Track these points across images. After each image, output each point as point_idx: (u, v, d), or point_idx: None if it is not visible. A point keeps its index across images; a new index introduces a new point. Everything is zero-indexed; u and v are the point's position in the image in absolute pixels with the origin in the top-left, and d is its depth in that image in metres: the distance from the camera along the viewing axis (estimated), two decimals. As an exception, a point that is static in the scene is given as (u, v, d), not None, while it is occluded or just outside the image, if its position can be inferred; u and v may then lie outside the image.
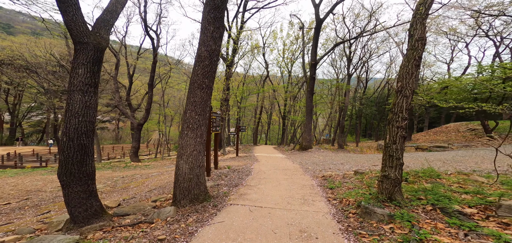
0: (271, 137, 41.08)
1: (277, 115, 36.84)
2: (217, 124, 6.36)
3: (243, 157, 10.51)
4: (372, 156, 9.34)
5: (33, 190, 4.80)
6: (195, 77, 3.12)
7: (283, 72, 25.64)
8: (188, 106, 3.03)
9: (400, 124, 2.60)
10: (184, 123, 3.01)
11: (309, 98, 12.17)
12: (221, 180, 5.16)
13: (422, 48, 2.69)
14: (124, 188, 4.75)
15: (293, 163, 8.31)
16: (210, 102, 3.26)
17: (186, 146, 2.91)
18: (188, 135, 2.94)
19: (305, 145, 11.91)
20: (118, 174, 6.83)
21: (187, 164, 2.87)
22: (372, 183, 3.77)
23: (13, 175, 7.38)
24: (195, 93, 3.04)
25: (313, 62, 12.39)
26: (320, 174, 5.87)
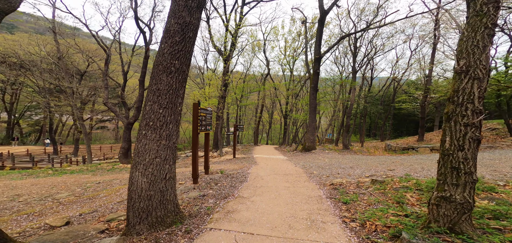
0: (273, 137, 40.18)
1: (278, 115, 35.90)
2: (208, 122, 5.50)
3: (241, 158, 9.65)
4: (383, 158, 8.40)
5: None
6: (160, 58, 2.27)
7: (285, 70, 24.75)
8: (149, 97, 2.18)
9: (469, 120, 1.67)
10: (143, 120, 2.16)
11: (313, 95, 11.23)
12: (209, 188, 4.30)
13: (495, 12, 1.76)
14: (91, 198, 3.91)
15: (295, 166, 7.42)
16: (183, 92, 2.39)
17: (144, 151, 2.07)
18: (147, 136, 2.09)
19: (308, 146, 11.00)
20: (96, 179, 6.02)
21: (145, 177, 2.01)
22: (402, 198, 2.86)
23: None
24: (160, 79, 2.18)
25: (317, 56, 11.46)
26: (328, 180, 4.97)
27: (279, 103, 27.23)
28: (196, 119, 4.68)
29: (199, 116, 4.75)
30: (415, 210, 2.43)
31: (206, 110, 5.46)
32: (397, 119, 26.90)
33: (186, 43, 2.37)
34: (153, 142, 2.09)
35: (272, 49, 37.01)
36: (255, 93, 28.47)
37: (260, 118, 25.55)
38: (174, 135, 2.23)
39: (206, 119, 5.39)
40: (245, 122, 29.60)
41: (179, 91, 2.30)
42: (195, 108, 4.70)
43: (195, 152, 4.63)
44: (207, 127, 5.47)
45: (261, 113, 25.64)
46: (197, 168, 4.66)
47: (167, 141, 2.16)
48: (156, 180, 2.05)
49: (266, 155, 10.89)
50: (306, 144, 11.19)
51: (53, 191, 4.51)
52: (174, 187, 2.28)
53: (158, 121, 2.13)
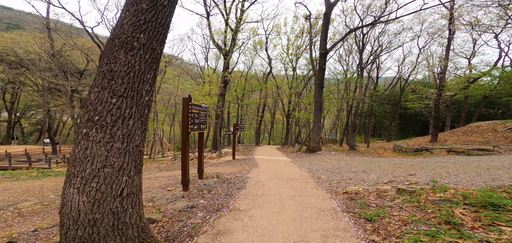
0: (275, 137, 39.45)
1: (280, 114, 35.18)
2: (201, 121, 4.84)
3: (241, 160, 8.98)
4: (397, 161, 7.64)
5: None
6: (117, 30, 1.61)
7: (287, 69, 24.07)
8: (96, 81, 1.52)
9: None
10: (84, 114, 1.50)
11: (318, 93, 10.51)
12: (201, 197, 3.63)
13: None
14: (61, 209, 3.28)
15: (300, 169, 6.72)
16: (152, 77, 1.72)
17: (83, 158, 1.43)
18: (90, 137, 1.43)
19: (313, 147, 10.28)
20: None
21: (84, 195, 1.36)
22: (451, 216, 2.14)
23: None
24: (114, 58, 1.53)
25: (323, 51, 10.74)
26: (340, 187, 4.27)
27: (282, 102, 26.51)
28: (186, 116, 4.02)
29: (190, 114, 4.09)
30: (482, 236, 1.73)
31: (200, 107, 4.81)
32: (404, 119, 25.98)
33: (158, 12, 1.72)
34: (99, 144, 1.44)
35: (274, 48, 36.39)
36: (257, 92, 27.80)
37: (261, 118, 24.86)
38: (138, 135, 1.56)
39: (199, 117, 4.73)
40: (247, 122, 28.91)
41: (146, 75, 1.64)
42: (185, 104, 4.04)
43: (185, 155, 3.98)
44: (200, 125, 4.82)
45: (263, 113, 24.96)
46: (188, 173, 4.00)
47: (125, 143, 1.51)
48: (105, 198, 1.39)
49: (268, 156, 10.21)
50: (310, 145, 10.47)
51: (22, 198, 3.90)
52: (137, 206, 1.62)
53: (109, 115, 1.48)
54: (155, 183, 4.80)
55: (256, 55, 22.70)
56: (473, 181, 4.12)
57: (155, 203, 3.35)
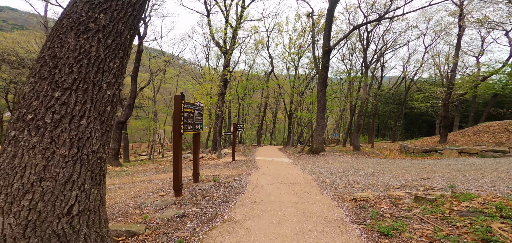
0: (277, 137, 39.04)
1: (282, 114, 34.76)
2: (197, 121, 4.51)
3: (241, 161, 8.63)
4: (406, 163, 7.20)
5: None
6: (68, 9, 1.28)
7: (289, 68, 23.69)
8: (35, 69, 1.18)
9: None
10: (15, 112, 1.16)
11: (322, 91, 10.10)
12: (193, 204, 3.29)
13: None
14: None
15: (302, 171, 6.35)
16: (118, 66, 1.38)
17: (10, 170, 1.10)
18: (19, 142, 1.07)
19: (316, 147, 9.87)
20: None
21: (11, 215, 0.98)
22: (489, 232, 1.76)
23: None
24: (61, 42, 1.20)
25: (326, 48, 10.33)
26: (347, 193, 3.89)
27: (284, 102, 26.13)
28: (178, 116, 3.69)
29: (182, 113, 3.76)
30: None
31: (195, 105, 4.48)
32: (409, 119, 25.38)
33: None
34: (32, 151, 1.10)
35: (276, 46, 36.02)
36: (258, 92, 27.45)
37: (263, 118, 24.49)
38: (96, 138, 1.21)
39: (194, 116, 4.40)
40: (248, 122, 28.56)
41: (108, 64, 1.29)
42: (177, 102, 3.71)
43: (176, 158, 3.64)
44: (196, 125, 4.49)
45: (265, 113, 24.59)
46: (180, 177, 3.67)
47: (74, 149, 1.18)
48: (44, 218, 1.05)
49: (269, 158, 9.84)
50: (313, 145, 10.07)
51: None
52: (97, 224, 1.28)
53: (50, 113, 1.14)
54: (148, 186, 4.49)
55: (257, 55, 22.39)
56: (495, 186, 3.71)
57: (143, 211, 3.02)
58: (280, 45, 38.84)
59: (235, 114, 21.14)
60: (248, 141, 31.49)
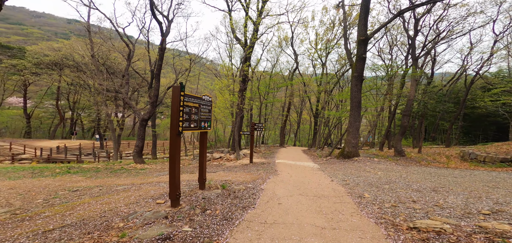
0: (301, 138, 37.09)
1: (308, 114, 32.72)
2: (203, 117, 3.91)
3: (259, 164, 7.85)
4: (483, 175, 5.32)
5: None
6: None
7: (316, 65, 21.93)
8: None
9: None
10: None
11: (356, 87, 8.57)
12: (188, 220, 2.64)
13: None
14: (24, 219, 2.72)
15: (331, 180, 5.22)
16: None
17: None
18: None
19: (349, 151, 8.41)
20: (83, 183, 5.16)
21: None
22: None
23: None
24: None
25: (363, 38, 8.74)
26: (401, 216, 2.74)
27: (309, 101, 24.38)
28: (176, 111, 3.09)
29: (182, 107, 3.15)
30: None
31: (200, 99, 3.87)
32: (469, 121, 20.78)
33: None
34: None
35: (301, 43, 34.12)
36: (282, 90, 26.28)
37: (286, 117, 23.23)
38: None
39: (199, 112, 3.79)
40: (271, 121, 27.59)
41: None
42: (176, 94, 3.12)
43: (173, 161, 3.05)
44: (201, 123, 3.87)
45: (288, 112, 23.31)
46: (178, 184, 3.08)
47: None
48: None
49: (291, 161, 8.81)
50: (345, 149, 8.62)
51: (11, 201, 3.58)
52: None
53: None
54: (152, 190, 4.09)
55: (281, 52, 21.30)
56: None
57: (127, 225, 2.49)
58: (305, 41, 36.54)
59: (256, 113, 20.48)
60: (270, 141, 30.53)
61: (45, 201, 3.63)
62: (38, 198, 3.76)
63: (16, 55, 28.56)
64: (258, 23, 11.70)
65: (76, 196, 3.96)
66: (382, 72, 18.72)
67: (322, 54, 19.77)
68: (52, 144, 25.30)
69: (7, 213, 2.96)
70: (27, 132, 31.61)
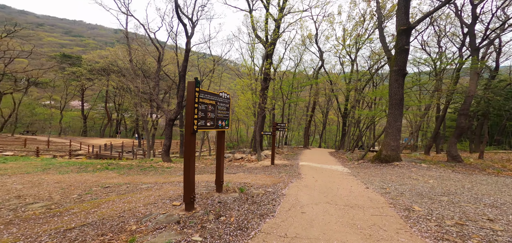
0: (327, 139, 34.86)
1: (335, 114, 30.53)
2: (220, 115, 3.71)
3: (281, 166, 7.40)
4: None
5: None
6: None
7: (344, 63, 20.24)
8: None
9: None
10: None
11: (397, 82, 7.38)
12: (199, 229, 2.43)
13: None
14: (56, 214, 2.90)
15: (366, 187, 4.48)
16: None
17: None
18: None
19: (388, 155, 7.27)
20: (115, 180, 5.54)
21: None
22: None
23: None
24: None
25: (404, 27, 7.49)
26: (474, 240, 2.02)
27: (336, 100, 22.65)
28: (191, 108, 2.93)
29: (196, 104, 2.98)
30: None
31: (217, 96, 3.67)
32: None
33: None
34: None
35: (326, 40, 32.07)
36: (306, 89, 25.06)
37: (311, 118, 21.97)
38: None
39: (216, 110, 3.60)
40: (295, 122, 26.55)
41: None
42: (190, 89, 2.96)
43: (188, 162, 2.89)
44: (218, 122, 3.67)
45: (313, 112, 22.03)
46: (192, 187, 2.91)
47: None
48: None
49: (316, 163, 8.09)
50: (383, 152, 7.50)
51: (53, 195, 3.95)
52: None
53: None
54: (171, 190, 4.08)
55: (305, 51, 20.27)
56: None
57: (138, 228, 2.40)
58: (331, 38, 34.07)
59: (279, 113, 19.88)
60: (294, 142, 29.42)
61: (78, 196, 3.91)
62: (74, 193, 4.09)
63: (75, 63, 33.79)
64: (279, 19, 11.24)
65: (105, 192, 4.19)
66: (427, 66, 16.13)
67: (351, 51, 18.11)
68: (101, 141, 29.24)
69: (43, 207, 3.22)
70: (84, 131, 37.23)
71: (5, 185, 4.64)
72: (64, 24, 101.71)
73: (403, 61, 7.54)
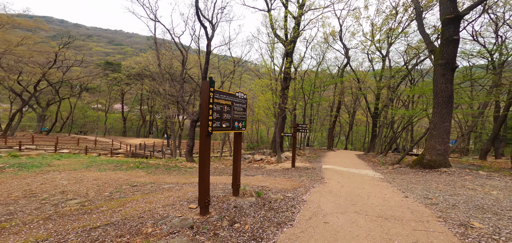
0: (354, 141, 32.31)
1: (363, 114, 28.08)
2: (236, 116, 3.59)
3: (302, 169, 6.96)
4: None
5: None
6: None
7: (373, 60, 18.46)
8: None
9: None
10: None
11: (444, 77, 6.30)
12: (212, 236, 2.32)
13: None
14: (88, 211, 3.13)
15: (405, 195, 3.86)
16: None
17: None
18: None
19: (432, 160, 6.22)
20: (142, 179, 5.89)
21: None
22: None
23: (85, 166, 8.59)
24: None
25: (451, 16, 6.36)
26: None
27: (365, 99, 20.81)
28: (206, 109, 2.87)
29: (211, 105, 2.90)
30: None
31: (233, 96, 3.56)
32: None
33: None
34: None
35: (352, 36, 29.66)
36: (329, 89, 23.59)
37: (336, 118, 20.56)
38: None
39: (232, 111, 3.49)
40: (318, 122, 25.24)
41: None
42: (205, 89, 2.90)
43: (203, 163, 2.83)
44: (234, 123, 3.56)
45: (338, 112, 20.61)
46: (207, 190, 2.83)
47: None
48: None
49: (342, 167, 7.40)
50: (426, 156, 6.47)
51: (89, 192, 4.34)
52: None
53: None
54: (190, 191, 4.12)
55: (328, 48, 19.10)
56: None
57: (154, 231, 2.41)
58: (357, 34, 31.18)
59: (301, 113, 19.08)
60: (316, 144, 27.98)
61: (109, 194, 4.23)
62: (106, 191, 4.44)
63: (116, 70, 38.11)
64: (299, 16, 10.73)
65: (132, 191, 4.45)
66: (481, 59, 13.61)
67: (381, 46, 16.36)
68: (137, 141, 32.40)
69: (78, 204, 3.53)
70: (124, 131, 41.80)
71: (55, 180, 5.33)
72: (108, 34, 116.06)
73: (451, 54, 6.41)
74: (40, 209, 3.29)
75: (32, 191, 4.30)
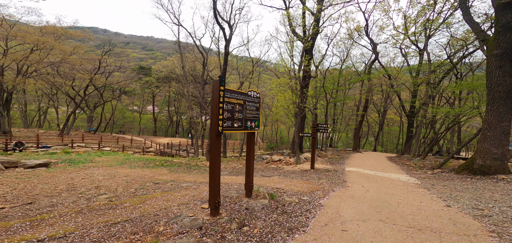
0: (385, 142, 29.40)
1: (396, 113, 25.32)
2: (248, 116, 3.51)
3: (322, 171, 6.51)
4: None
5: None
6: None
7: (408, 54, 16.47)
8: None
9: None
10: None
11: (501, 70, 5.23)
12: (216, 241, 2.27)
13: None
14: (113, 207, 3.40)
15: (446, 204, 3.28)
16: None
17: None
18: None
19: (486, 165, 5.19)
20: (165, 177, 6.25)
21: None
22: None
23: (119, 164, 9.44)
24: None
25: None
26: None
27: (398, 97, 18.74)
28: (216, 108, 2.85)
29: (221, 104, 2.87)
30: None
31: (245, 95, 3.48)
32: None
33: None
34: None
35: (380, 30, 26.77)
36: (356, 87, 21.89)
37: (363, 118, 18.93)
38: None
39: (244, 110, 3.41)
40: (342, 122, 23.63)
41: None
42: (215, 88, 2.88)
43: (214, 163, 2.81)
44: (246, 123, 3.48)
45: (365, 111, 18.95)
46: (218, 191, 2.81)
47: None
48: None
49: (369, 170, 6.71)
50: (477, 160, 5.46)
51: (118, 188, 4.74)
52: None
53: None
54: (205, 191, 4.20)
55: (352, 44, 17.70)
56: None
57: (165, 230, 2.48)
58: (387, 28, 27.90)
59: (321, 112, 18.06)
60: (341, 144, 26.21)
61: (134, 191, 4.56)
62: (132, 187, 4.81)
63: (147, 74, 41.81)
64: (318, 12, 10.15)
65: (153, 189, 4.74)
66: None
67: (418, 39, 14.46)
68: (165, 140, 35.05)
69: (107, 199, 3.88)
70: (154, 131, 45.70)
71: (93, 175, 6.01)
72: (141, 40, 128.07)
73: (509, 42, 5.30)
74: (76, 202, 3.71)
75: (74, 185, 4.91)
